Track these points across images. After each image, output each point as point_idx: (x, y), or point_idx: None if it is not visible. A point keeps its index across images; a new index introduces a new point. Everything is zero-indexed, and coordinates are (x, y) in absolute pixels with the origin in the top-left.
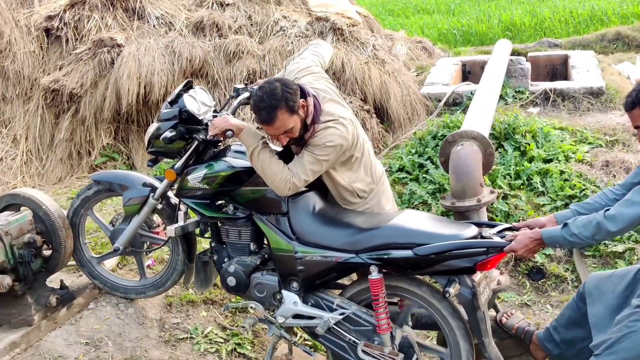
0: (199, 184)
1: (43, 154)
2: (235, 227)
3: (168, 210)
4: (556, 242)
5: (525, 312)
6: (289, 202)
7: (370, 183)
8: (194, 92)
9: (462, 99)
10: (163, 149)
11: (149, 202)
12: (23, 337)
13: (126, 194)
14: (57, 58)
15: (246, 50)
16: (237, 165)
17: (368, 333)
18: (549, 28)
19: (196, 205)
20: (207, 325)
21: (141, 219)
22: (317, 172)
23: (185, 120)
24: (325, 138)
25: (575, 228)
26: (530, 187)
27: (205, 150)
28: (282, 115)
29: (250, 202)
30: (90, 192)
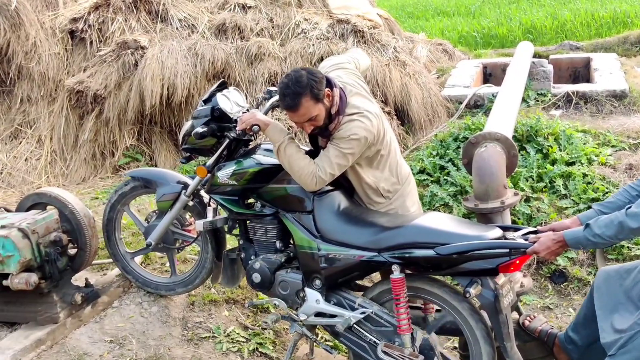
0: (227, 180)
1: (67, 154)
2: (262, 224)
3: (199, 208)
4: (579, 244)
5: (547, 315)
6: (315, 200)
7: (395, 183)
8: (228, 92)
9: (484, 101)
10: (196, 146)
11: (181, 198)
12: (49, 334)
13: (159, 190)
14: (81, 60)
15: (268, 53)
16: (265, 163)
17: (389, 334)
18: (571, 31)
19: (225, 201)
20: (229, 324)
21: (173, 215)
22: (343, 166)
23: (217, 118)
24: (350, 131)
25: (598, 228)
26: (553, 189)
27: (236, 149)
28: (307, 102)
29: (276, 199)
30: (127, 188)
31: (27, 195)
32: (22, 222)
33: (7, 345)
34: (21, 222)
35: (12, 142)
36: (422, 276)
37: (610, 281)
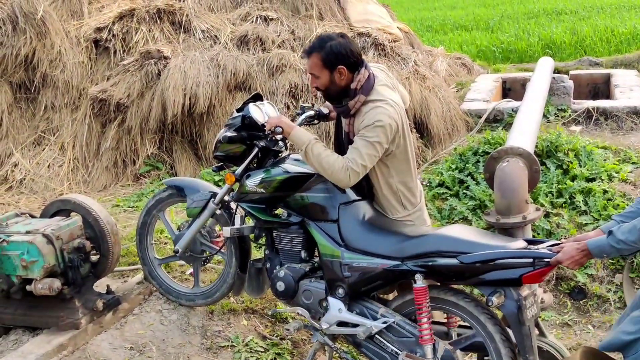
0: (255, 187)
1: (89, 161)
2: (288, 233)
3: (226, 217)
4: (603, 252)
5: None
6: (340, 209)
7: (414, 195)
8: (261, 104)
9: (503, 116)
10: (227, 153)
11: (209, 206)
12: (70, 339)
13: (189, 198)
14: (104, 69)
15: (289, 64)
16: (292, 171)
17: (410, 344)
18: (590, 46)
19: (252, 209)
20: (247, 334)
21: (201, 222)
22: (373, 156)
23: (247, 126)
24: (374, 118)
25: (621, 234)
26: (573, 205)
27: (265, 158)
28: (316, 59)
29: (303, 207)
30: (164, 194)
31: (51, 201)
32: (47, 228)
33: (30, 350)
34: (45, 228)
35: (35, 148)
36: (446, 287)
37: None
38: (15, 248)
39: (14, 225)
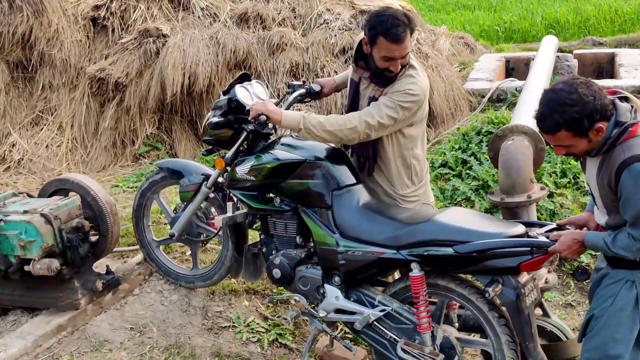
0: (246, 175)
1: (88, 141)
2: (282, 219)
3: (220, 200)
4: (598, 249)
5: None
6: (334, 196)
7: (422, 169)
8: (249, 85)
9: (506, 95)
10: (215, 137)
11: (202, 190)
12: (69, 320)
13: (182, 181)
14: (103, 47)
15: (289, 43)
16: (283, 158)
17: (409, 331)
18: (594, 26)
19: (244, 196)
20: (249, 314)
21: (194, 206)
22: (392, 119)
23: (235, 109)
24: (406, 85)
25: (615, 248)
26: (577, 185)
27: (255, 142)
28: (409, 37)
29: (295, 194)
30: (157, 176)
31: (49, 181)
32: (45, 208)
33: (28, 331)
34: (44, 207)
35: (33, 128)
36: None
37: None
38: (13, 228)
39: (12, 205)
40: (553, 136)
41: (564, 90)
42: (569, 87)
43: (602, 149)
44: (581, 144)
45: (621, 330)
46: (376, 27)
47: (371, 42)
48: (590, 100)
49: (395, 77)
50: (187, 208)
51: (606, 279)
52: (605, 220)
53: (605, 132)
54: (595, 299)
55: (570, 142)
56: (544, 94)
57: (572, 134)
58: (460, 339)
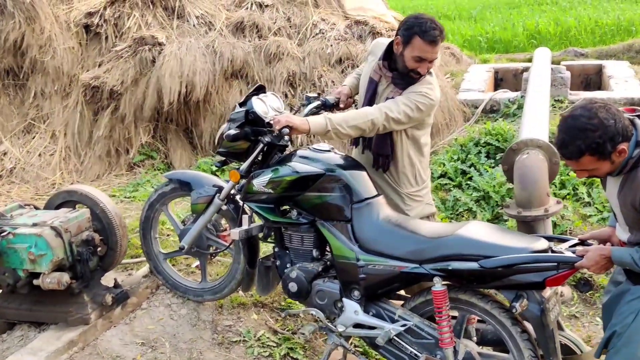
0: (263, 187)
1: (81, 150)
2: (299, 232)
3: (232, 213)
4: (624, 264)
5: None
6: (353, 209)
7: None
8: (265, 96)
9: (500, 107)
10: (230, 149)
11: (215, 202)
12: (80, 335)
13: (194, 193)
14: (96, 55)
15: (286, 52)
16: (302, 171)
17: (430, 346)
18: (575, 37)
19: (260, 209)
20: (258, 328)
21: (207, 218)
22: (407, 117)
23: (251, 121)
24: (424, 89)
25: None
26: (576, 197)
27: (271, 154)
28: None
29: (314, 207)
30: (167, 188)
31: (56, 192)
32: (55, 221)
33: (39, 347)
34: (53, 220)
35: (25, 136)
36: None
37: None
38: (22, 241)
39: (19, 217)
40: (576, 162)
41: (583, 115)
42: (588, 112)
43: (624, 169)
44: (604, 167)
45: None
46: (414, 27)
47: (405, 41)
48: (612, 124)
49: (417, 80)
50: (198, 220)
51: (627, 295)
52: (627, 237)
53: (627, 153)
54: (616, 315)
55: (594, 165)
56: (563, 120)
57: (595, 159)
58: (482, 354)
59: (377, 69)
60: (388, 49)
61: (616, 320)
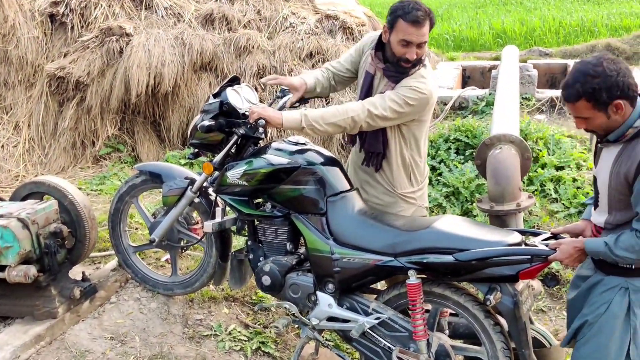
0: (237, 180)
1: (46, 142)
2: (272, 225)
3: (205, 206)
4: (599, 256)
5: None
6: (328, 202)
7: (420, 174)
8: (239, 88)
9: (468, 103)
10: (203, 141)
11: (187, 194)
12: (48, 329)
13: (165, 185)
14: (61, 45)
15: (256, 45)
16: (276, 163)
17: (403, 339)
18: (539, 37)
19: (234, 201)
20: (229, 322)
21: (178, 211)
22: (395, 112)
23: (226, 113)
24: (415, 83)
25: (619, 251)
26: (544, 193)
27: (245, 146)
28: (427, 26)
29: (288, 200)
30: (137, 180)
31: (23, 183)
32: (22, 212)
33: (5, 341)
34: (20, 211)
35: None
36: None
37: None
38: None
39: None
40: (573, 105)
41: (590, 62)
42: (596, 60)
43: (623, 136)
44: (599, 118)
45: (614, 338)
46: (397, 10)
47: (390, 26)
48: (613, 75)
49: (408, 70)
50: (169, 213)
51: (599, 285)
52: (605, 218)
53: (625, 111)
54: (587, 306)
55: (589, 114)
56: (574, 65)
57: (591, 105)
58: (455, 347)
59: (371, 61)
60: (379, 40)
61: (588, 310)
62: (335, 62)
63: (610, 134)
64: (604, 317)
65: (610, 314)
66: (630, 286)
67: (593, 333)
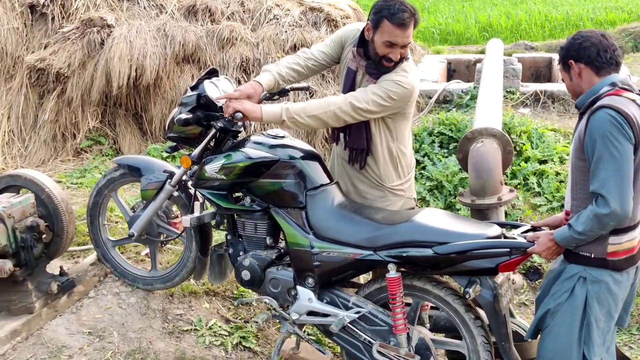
0: (216, 174)
1: (26, 134)
2: (252, 220)
3: (184, 199)
4: (570, 243)
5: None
6: (307, 196)
7: (407, 166)
8: (217, 80)
9: (453, 97)
10: (181, 135)
11: (165, 188)
12: (24, 325)
13: (144, 179)
14: (42, 36)
15: (240, 37)
16: (255, 157)
17: (384, 333)
18: (525, 30)
19: (213, 196)
20: (210, 317)
21: (157, 205)
22: (379, 105)
23: (204, 106)
24: (398, 77)
25: (579, 226)
26: (527, 187)
27: (224, 140)
28: (412, 27)
29: (267, 194)
30: (116, 173)
31: None
32: None
33: None
34: None
35: None
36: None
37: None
38: None
39: None
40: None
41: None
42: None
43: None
44: (566, 80)
45: (574, 327)
46: (382, 11)
47: (375, 25)
48: (579, 39)
49: (391, 69)
50: (148, 207)
51: (562, 274)
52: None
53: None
54: (550, 295)
55: (562, 75)
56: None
57: (561, 66)
58: (435, 341)
59: (353, 58)
60: (361, 36)
61: (550, 299)
62: (313, 49)
63: (578, 100)
64: (565, 306)
65: (570, 303)
66: (588, 276)
67: (555, 323)
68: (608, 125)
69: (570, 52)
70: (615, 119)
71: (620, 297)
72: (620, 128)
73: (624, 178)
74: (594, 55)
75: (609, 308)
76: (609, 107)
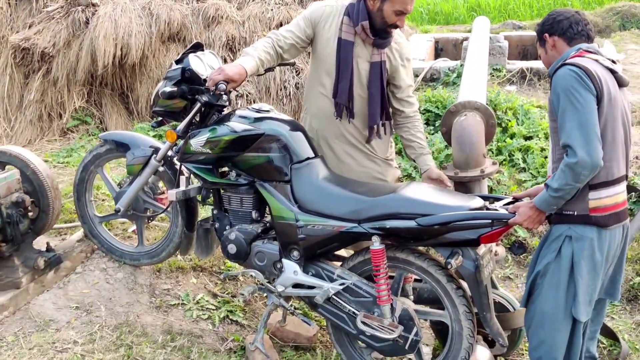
0: (201, 148)
1: (11, 114)
2: (238, 194)
3: (170, 174)
4: (550, 205)
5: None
6: (292, 169)
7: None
8: (202, 54)
9: (440, 75)
10: (166, 108)
11: (151, 163)
12: (11, 299)
13: (129, 154)
14: (26, 16)
15: (225, 16)
16: (240, 130)
17: (368, 304)
18: (513, 10)
19: (198, 170)
20: (197, 291)
21: (143, 180)
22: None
23: (188, 79)
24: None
25: (555, 182)
26: (512, 162)
27: (209, 115)
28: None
29: (252, 168)
30: (102, 149)
31: None
32: None
33: None
34: None
35: None
36: (402, 247)
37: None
38: None
39: None
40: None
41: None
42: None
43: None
44: (542, 54)
45: (561, 288)
46: None
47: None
48: (557, 16)
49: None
50: (134, 182)
51: (550, 236)
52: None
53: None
54: (539, 259)
55: (539, 50)
56: None
57: (538, 42)
58: (418, 311)
59: (350, 30)
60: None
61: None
62: (284, 31)
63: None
64: (553, 266)
65: (557, 264)
66: (573, 234)
67: (544, 285)
68: (569, 79)
69: (544, 26)
70: (576, 72)
71: (604, 254)
72: (580, 80)
73: (588, 126)
74: (566, 27)
75: (595, 264)
76: (570, 64)
